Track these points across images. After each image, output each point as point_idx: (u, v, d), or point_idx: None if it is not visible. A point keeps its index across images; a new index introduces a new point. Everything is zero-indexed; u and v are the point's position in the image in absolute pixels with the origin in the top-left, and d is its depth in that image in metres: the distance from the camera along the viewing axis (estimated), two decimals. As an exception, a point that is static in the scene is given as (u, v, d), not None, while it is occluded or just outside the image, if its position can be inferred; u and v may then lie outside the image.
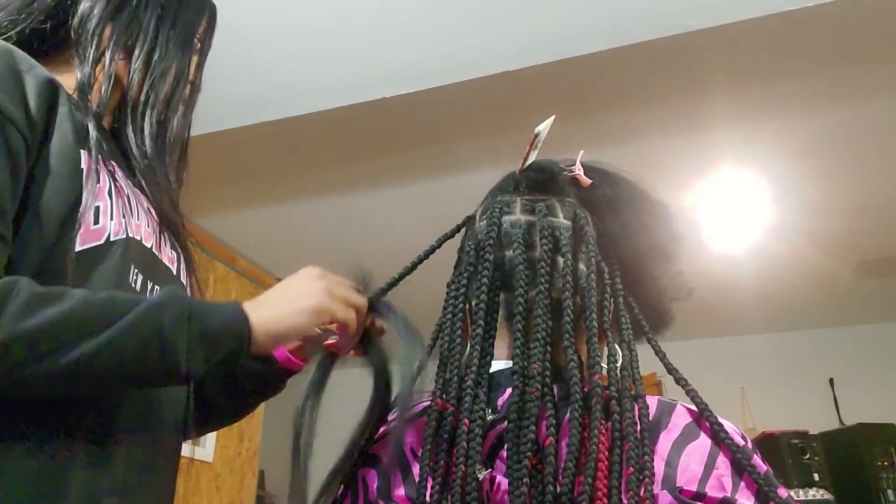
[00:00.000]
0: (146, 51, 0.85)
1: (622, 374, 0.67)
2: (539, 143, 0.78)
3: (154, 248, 0.81)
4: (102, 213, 0.72)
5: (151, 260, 0.80)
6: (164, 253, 0.83)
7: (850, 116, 2.04)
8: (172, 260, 0.85)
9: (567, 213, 0.76)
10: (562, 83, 1.87)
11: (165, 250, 0.84)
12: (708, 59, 1.78)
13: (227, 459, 2.71)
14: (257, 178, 2.40)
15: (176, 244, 0.87)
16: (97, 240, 0.71)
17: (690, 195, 2.34)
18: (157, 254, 0.81)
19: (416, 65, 1.83)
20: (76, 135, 0.72)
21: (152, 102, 0.84)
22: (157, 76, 0.85)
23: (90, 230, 0.70)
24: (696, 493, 0.57)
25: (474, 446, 0.62)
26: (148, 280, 0.78)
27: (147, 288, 0.78)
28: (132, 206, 0.78)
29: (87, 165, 0.72)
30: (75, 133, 0.72)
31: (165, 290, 0.69)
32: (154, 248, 0.81)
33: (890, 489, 2.73)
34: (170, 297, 0.66)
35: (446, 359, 0.70)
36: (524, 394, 0.63)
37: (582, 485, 0.57)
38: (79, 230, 0.69)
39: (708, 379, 1.32)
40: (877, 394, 3.19)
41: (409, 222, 2.61)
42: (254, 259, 2.97)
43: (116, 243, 0.73)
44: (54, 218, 0.68)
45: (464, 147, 2.18)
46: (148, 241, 0.79)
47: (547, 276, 0.70)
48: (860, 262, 2.87)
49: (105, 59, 0.81)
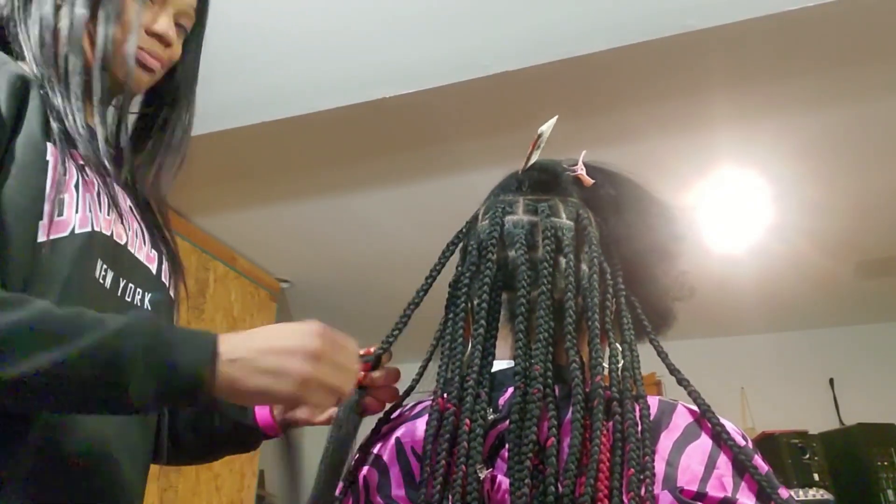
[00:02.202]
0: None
1: (623, 374, 0.67)
2: (542, 144, 0.78)
3: (129, 244, 0.79)
4: (67, 205, 0.71)
5: (123, 256, 0.78)
6: (140, 251, 0.82)
7: (850, 116, 2.04)
8: (151, 259, 0.84)
9: (570, 213, 0.75)
10: (562, 83, 1.87)
11: (143, 249, 0.83)
12: (708, 59, 1.78)
13: (227, 459, 2.69)
14: (257, 178, 2.40)
15: (159, 245, 0.86)
16: (61, 231, 0.70)
17: (690, 195, 2.34)
18: (132, 251, 0.80)
19: (416, 65, 1.83)
20: (43, 127, 0.72)
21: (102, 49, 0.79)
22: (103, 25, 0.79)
23: (54, 222, 0.69)
24: (696, 493, 0.57)
25: (475, 446, 0.62)
26: (120, 277, 0.77)
27: (119, 285, 0.77)
28: (101, 202, 0.76)
29: (54, 157, 0.71)
30: (43, 126, 0.72)
31: (134, 314, 0.68)
32: (129, 245, 0.79)
33: (890, 489, 2.73)
34: (137, 322, 0.61)
35: (448, 358, 0.70)
36: (526, 394, 0.63)
37: (583, 485, 0.57)
38: (42, 221, 0.68)
39: (708, 379, 1.31)
40: (877, 394, 3.18)
41: (409, 222, 2.61)
42: (254, 259, 2.97)
43: (80, 236, 0.72)
44: (19, 209, 0.67)
45: (464, 147, 2.18)
46: (121, 238, 0.78)
47: (549, 277, 0.70)
48: (860, 262, 2.87)
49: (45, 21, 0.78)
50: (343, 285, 3.17)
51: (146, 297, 0.82)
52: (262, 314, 3.04)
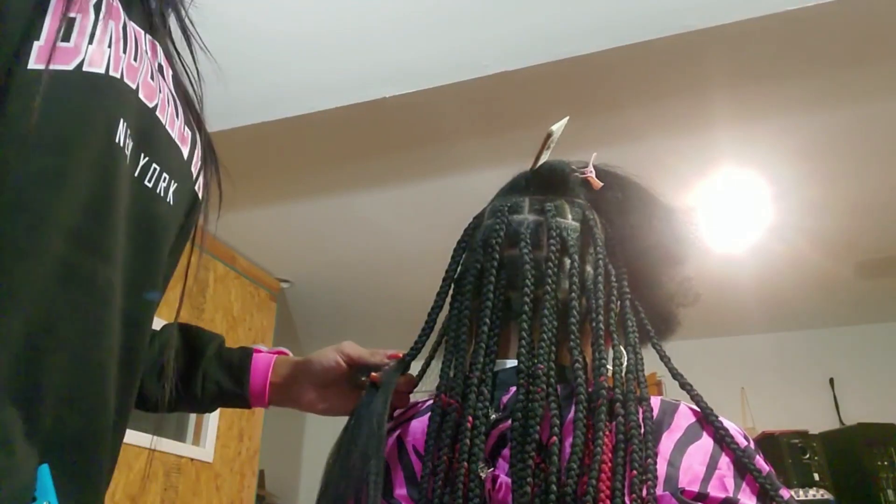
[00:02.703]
0: None
1: (627, 376, 0.66)
2: (552, 144, 0.77)
3: (158, 111, 0.59)
4: (79, 30, 0.49)
5: (152, 125, 0.58)
6: (173, 126, 0.61)
7: (850, 117, 2.04)
8: (185, 140, 0.64)
9: (576, 214, 0.75)
10: (562, 83, 1.87)
11: (176, 123, 0.62)
12: (708, 59, 1.78)
13: (227, 459, 2.71)
14: (257, 177, 2.40)
15: (192, 123, 0.66)
16: (63, 63, 0.48)
17: (690, 195, 2.34)
18: (162, 119, 0.59)
19: (416, 65, 1.83)
20: None
21: None
22: None
23: (56, 47, 0.47)
24: (698, 494, 0.57)
25: (478, 444, 0.62)
26: (142, 153, 0.57)
27: (138, 162, 0.56)
28: (131, 47, 0.55)
29: None
30: None
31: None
32: (158, 112, 0.59)
33: (890, 489, 2.73)
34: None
35: (451, 356, 0.70)
36: (529, 394, 0.63)
37: (585, 485, 0.57)
38: (38, 41, 0.46)
39: (708, 379, 1.32)
40: (877, 394, 3.19)
41: (408, 222, 2.61)
42: (254, 259, 2.97)
43: (94, 78, 0.50)
44: (11, 16, 0.46)
45: (464, 147, 2.18)
46: (150, 100, 0.57)
47: (554, 277, 0.70)
48: (860, 262, 2.87)
49: None
50: (343, 285, 3.17)
51: (171, 188, 0.61)
52: (262, 314, 3.04)
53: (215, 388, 0.85)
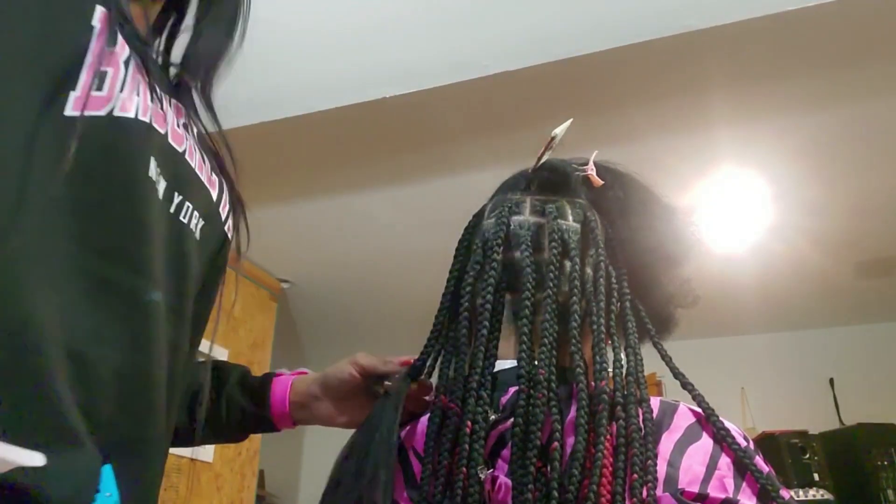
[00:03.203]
0: None
1: (627, 378, 0.66)
2: (554, 146, 0.77)
3: (187, 155, 0.62)
4: (110, 81, 0.53)
5: (181, 166, 0.61)
6: (202, 169, 0.65)
7: (850, 116, 2.04)
8: (213, 184, 0.67)
9: (577, 215, 0.75)
10: (562, 83, 1.87)
11: (205, 168, 0.66)
12: (708, 59, 1.78)
13: (227, 459, 2.71)
14: (257, 178, 2.40)
15: (219, 172, 0.70)
16: (96, 109, 0.51)
17: (690, 195, 2.34)
18: (191, 163, 0.63)
19: (416, 65, 1.83)
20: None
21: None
22: None
23: (90, 96, 0.51)
24: (697, 494, 0.57)
25: (477, 448, 0.62)
26: (175, 191, 0.60)
27: (173, 200, 0.59)
28: (155, 95, 0.58)
29: (101, 23, 0.52)
30: None
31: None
32: (187, 156, 0.62)
33: (890, 489, 2.73)
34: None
35: (451, 357, 0.70)
36: (530, 398, 0.63)
37: (586, 488, 0.57)
38: (74, 92, 0.50)
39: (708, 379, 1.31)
40: (877, 394, 3.18)
41: (409, 222, 2.61)
42: (254, 259, 2.97)
43: (125, 121, 0.53)
44: (48, 70, 0.49)
45: (464, 147, 2.18)
46: (179, 145, 0.61)
47: (555, 280, 0.70)
48: (860, 262, 2.87)
49: None
50: (343, 285, 3.17)
51: (199, 225, 0.64)
52: (262, 314, 3.04)
53: (239, 413, 0.87)
